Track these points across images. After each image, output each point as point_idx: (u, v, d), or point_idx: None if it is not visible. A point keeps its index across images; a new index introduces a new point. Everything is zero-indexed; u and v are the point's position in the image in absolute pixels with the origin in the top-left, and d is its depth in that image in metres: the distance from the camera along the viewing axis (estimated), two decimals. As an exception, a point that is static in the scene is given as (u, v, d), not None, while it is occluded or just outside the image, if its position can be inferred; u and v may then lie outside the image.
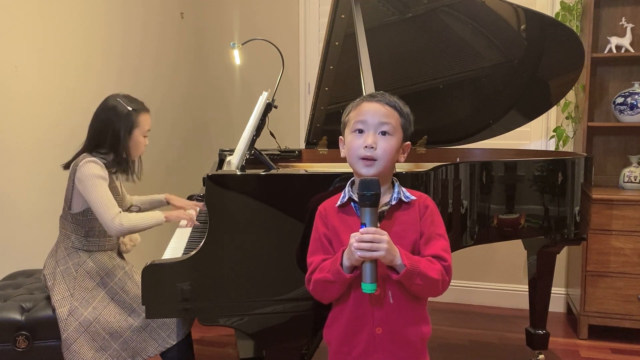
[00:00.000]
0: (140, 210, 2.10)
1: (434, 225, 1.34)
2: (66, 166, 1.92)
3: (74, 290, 1.82)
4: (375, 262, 1.22)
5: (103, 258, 1.90)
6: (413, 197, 1.35)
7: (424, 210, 1.34)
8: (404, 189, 1.36)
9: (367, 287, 1.22)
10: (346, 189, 1.37)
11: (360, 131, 1.33)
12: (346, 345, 1.34)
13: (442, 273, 1.28)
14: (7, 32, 2.19)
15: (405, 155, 1.39)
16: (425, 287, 1.27)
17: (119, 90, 2.00)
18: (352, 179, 1.40)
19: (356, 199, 1.33)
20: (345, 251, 1.25)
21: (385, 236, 1.21)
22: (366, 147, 1.30)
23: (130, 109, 1.91)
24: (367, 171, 1.31)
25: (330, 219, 1.36)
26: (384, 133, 1.32)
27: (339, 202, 1.36)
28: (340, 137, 1.42)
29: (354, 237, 1.21)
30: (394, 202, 1.33)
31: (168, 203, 2.22)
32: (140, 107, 1.95)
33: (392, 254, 1.22)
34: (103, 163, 1.86)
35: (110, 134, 1.89)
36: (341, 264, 1.26)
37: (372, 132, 1.31)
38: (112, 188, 1.89)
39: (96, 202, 1.79)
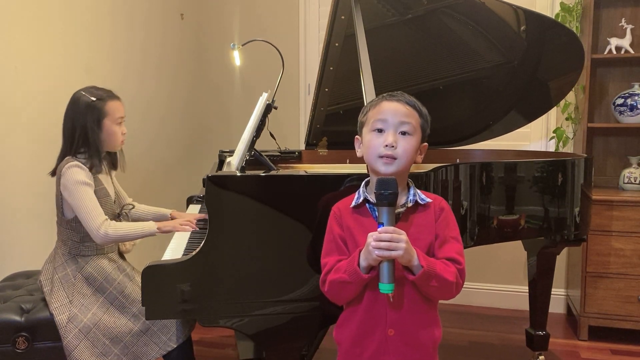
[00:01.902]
0: (134, 208, 2.07)
1: (449, 228, 1.34)
2: (52, 173, 1.88)
3: (72, 297, 1.80)
4: (393, 262, 1.21)
5: (103, 262, 1.89)
6: (429, 200, 1.34)
7: (439, 213, 1.33)
8: (419, 191, 1.36)
9: (385, 287, 1.21)
10: (361, 189, 1.36)
11: (380, 130, 1.31)
12: (358, 346, 1.33)
13: (457, 276, 1.27)
14: (7, 33, 2.19)
15: (422, 156, 1.38)
16: (440, 290, 1.27)
17: (122, 93, 1.98)
18: (366, 179, 1.39)
19: (371, 200, 1.32)
20: (363, 251, 1.24)
21: (403, 235, 1.20)
22: (386, 146, 1.29)
23: (93, 99, 1.83)
24: (386, 169, 1.29)
25: (345, 220, 1.35)
26: (404, 133, 1.31)
27: (353, 203, 1.35)
28: (357, 136, 1.40)
29: (371, 237, 1.20)
30: (410, 204, 1.32)
31: (172, 219, 2.12)
32: (105, 95, 1.87)
33: (409, 254, 1.21)
34: (86, 164, 1.82)
35: (79, 130, 1.83)
36: (358, 264, 1.25)
37: (392, 131, 1.30)
38: (100, 190, 1.86)
39: (81, 211, 1.77)
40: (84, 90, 1.88)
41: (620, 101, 2.94)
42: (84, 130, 1.83)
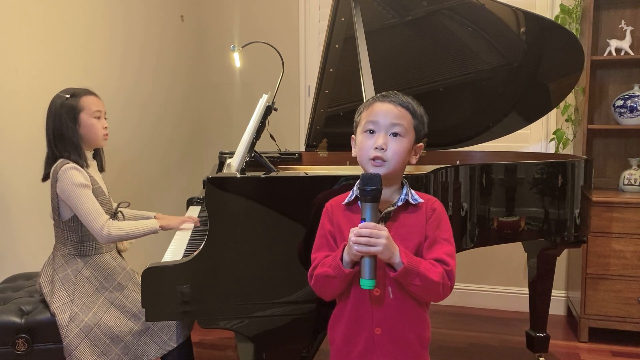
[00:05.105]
0: (129, 206, 2.06)
1: (440, 230, 1.32)
2: (44, 178, 1.88)
3: (74, 296, 1.81)
4: (374, 258, 1.21)
5: (103, 261, 1.89)
6: (421, 200, 1.33)
7: (430, 214, 1.32)
8: (413, 191, 1.35)
9: (365, 283, 1.21)
10: (354, 187, 1.36)
11: (372, 131, 1.31)
12: (347, 345, 1.34)
13: (444, 276, 1.26)
14: (7, 34, 2.19)
15: (417, 156, 1.37)
16: (425, 289, 1.26)
17: (120, 93, 1.98)
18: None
19: None
20: (346, 246, 1.25)
21: (384, 232, 1.20)
22: (376, 148, 1.29)
23: (67, 96, 1.85)
24: (375, 171, 1.29)
25: (336, 216, 1.35)
26: (395, 134, 1.30)
27: (346, 200, 1.35)
28: (353, 136, 1.40)
29: (352, 232, 1.21)
30: (400, 204, 1.32)
31: None
32: (79, 92, 1.88)
33: (390, 251, 1.21)
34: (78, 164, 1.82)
35: (55, 129, 1.83)
36: (341, 259, 1.25)
37: (383, 133, 1.30)
38: (97, 189, 1.86)
39: (83, 213, 1.77)
40: (60, 91, 1.89)
41: (620, 103, 2.94)
42: (60, 129, 1.83)
